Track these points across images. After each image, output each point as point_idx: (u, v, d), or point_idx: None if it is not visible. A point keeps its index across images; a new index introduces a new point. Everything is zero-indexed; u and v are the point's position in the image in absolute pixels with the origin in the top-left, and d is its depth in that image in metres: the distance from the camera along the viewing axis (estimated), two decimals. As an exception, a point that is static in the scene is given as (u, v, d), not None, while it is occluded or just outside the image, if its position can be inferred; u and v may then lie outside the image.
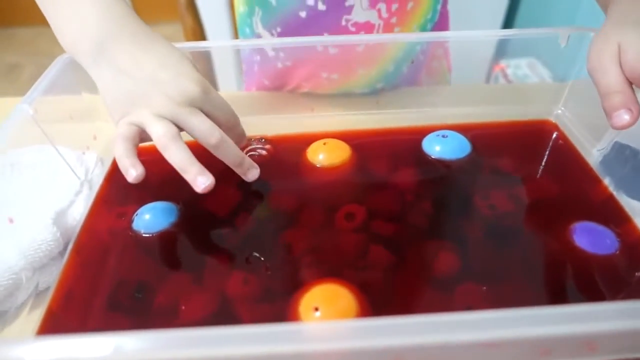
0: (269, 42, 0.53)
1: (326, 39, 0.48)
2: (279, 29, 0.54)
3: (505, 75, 1.42)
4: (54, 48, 0.38)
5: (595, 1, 0.45)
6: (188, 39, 0.87)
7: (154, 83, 0.35)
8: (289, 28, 0.53)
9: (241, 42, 0.53)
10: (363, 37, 0.50)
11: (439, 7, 0.57)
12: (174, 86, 0.35)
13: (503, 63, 1.37)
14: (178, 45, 0.41)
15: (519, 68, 1.38)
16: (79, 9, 0.37)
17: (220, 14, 1.13)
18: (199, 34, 0.88)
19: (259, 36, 0.56)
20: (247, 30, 0.58)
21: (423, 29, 0.56)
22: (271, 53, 0.55)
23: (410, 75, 0.59)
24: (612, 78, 0.34)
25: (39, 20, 0.41)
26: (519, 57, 1.36)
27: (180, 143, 0.34)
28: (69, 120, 0.45)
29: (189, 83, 0.35)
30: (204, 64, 0.47)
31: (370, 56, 0.51)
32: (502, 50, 0.53)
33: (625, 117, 0.33)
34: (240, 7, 0.57)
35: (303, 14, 0.51)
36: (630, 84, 0.34)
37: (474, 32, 0.47)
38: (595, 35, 0.37)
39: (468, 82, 0.71)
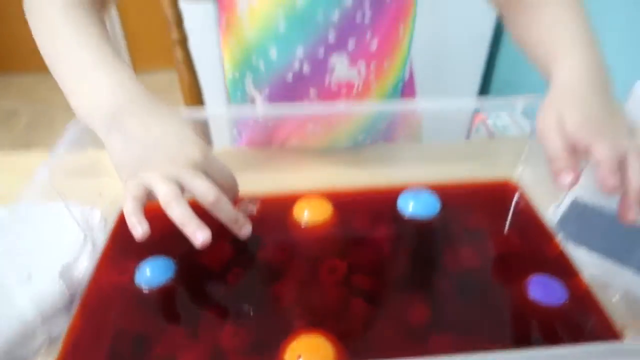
0: (261, 110, 0.59)
1: (311, 107, 0.54)
2: (267, 91, 0.60)
3: (486, 126, 1.48)
4: (52, 95, 0.43)
5: (534, 62, 0.50)
6: (184, 91, 0.94)
7: (160, 148, 0.39)
8: (278, 89, 0.59)
9: (234, 110, 0.59)
10: (344, 106, 0.57)
11: (408, 66, 0.64)
12: (178, 151, 0.40)
13: (484, 114, 1.45)
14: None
15: (500, 118, 1.45)
16: (96, 85, 0.42)
17: (215, 71, 1.21)
18: (195, 87, 0.94)
19: (251, 97, 0.62)
20: (239, 93, 0.64)
21: (396, 86, 0.63)
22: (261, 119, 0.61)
23: (388, 129, 0.65)
24: (556, 144, 0.38)
25: (37, 67, 0.44)
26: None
27: (181, 201, 0.38)
28: (75, 175, 0.49)
29: (191, 148, 0.40)
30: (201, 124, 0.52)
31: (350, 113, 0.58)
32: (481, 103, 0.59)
33: (567, 179, 0.37)
34: (230, 74, 0.63)
35: (289, 77, 0.58)
36: (572, 148, 0.38)
37: (443, 101, 0.52)
38: (541, 104, 0.42)
39: (450, 134, 0.77)
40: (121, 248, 0.47)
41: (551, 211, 0.52)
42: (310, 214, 0.50)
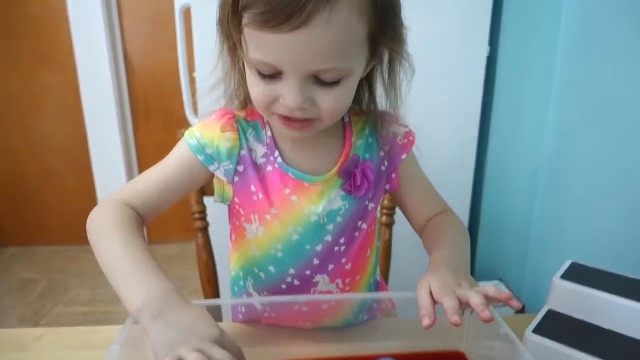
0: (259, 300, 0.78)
1: (301, 298, 0.72)
2: (266, 293, 0.78)
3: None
4: (68, 265, 0.56)
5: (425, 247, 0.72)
6: (200, 269, 1.10)
7: (191, 331, 0.54)
8: (274, 294, 0.77)
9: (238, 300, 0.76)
10: (328, 296, 0.76)
11: (376, 276, 0.85)
12: (203, 331, 0.54)
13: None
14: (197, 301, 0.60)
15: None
16: (144, 288, 0.57)
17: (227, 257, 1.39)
18: (211, 269, 1.11)
19: (250, 294, 0.79)
20: (236, 288, 0.81)
21: (369, 291, 0.83)
22: (260, 307, 0.78)
23: (369, 312, 0.81)
24: (423, 300, 0.57)
25: (53, 239, 0.58)
26: (486, 280, 1.55)
27: None
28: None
29: (213, 330, 0.54)
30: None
31: (334, 311, 0.75)
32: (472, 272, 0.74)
33: (427, 321, 0.54)
34: (234, 273, 0.81)
35: (284, 287, 0.76)
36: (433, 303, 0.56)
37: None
38: (422, 277, 0.61)
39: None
40: None
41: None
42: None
